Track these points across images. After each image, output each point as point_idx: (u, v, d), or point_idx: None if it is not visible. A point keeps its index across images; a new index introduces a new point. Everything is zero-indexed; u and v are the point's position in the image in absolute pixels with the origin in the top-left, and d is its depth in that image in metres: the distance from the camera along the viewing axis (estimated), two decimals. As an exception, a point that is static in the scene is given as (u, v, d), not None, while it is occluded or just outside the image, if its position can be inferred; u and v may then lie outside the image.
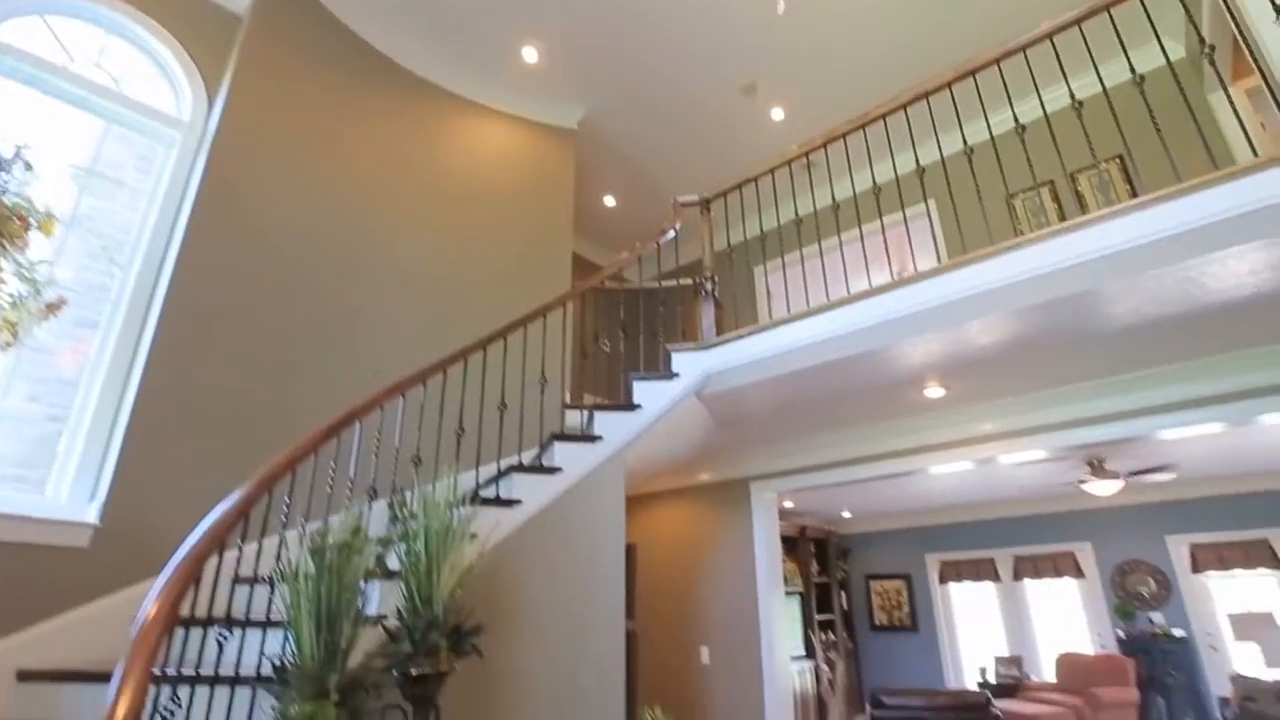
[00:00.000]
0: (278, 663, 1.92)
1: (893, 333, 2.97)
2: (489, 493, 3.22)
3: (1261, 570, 7.44)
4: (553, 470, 3.35)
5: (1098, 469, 6.03)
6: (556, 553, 3.23)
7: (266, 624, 2.32)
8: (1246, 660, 6.96)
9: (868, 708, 4.66)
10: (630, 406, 3.59)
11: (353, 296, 3.94)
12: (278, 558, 2.25)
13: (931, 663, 9.14)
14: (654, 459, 5.09)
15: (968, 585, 9.26)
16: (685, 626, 5.06)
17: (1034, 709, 6.72)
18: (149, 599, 1.63)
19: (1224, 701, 6.59)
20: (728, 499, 5.10)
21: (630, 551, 3.89)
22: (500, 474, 3.37)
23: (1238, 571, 7.55)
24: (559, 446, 3.43)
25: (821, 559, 9.14)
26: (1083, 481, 6.11)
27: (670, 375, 3.63)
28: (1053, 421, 3.83)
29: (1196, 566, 7.77)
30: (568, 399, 4.64)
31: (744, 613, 4.75)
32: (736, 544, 4.94)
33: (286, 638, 1.97)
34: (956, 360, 3.28)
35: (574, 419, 3.89)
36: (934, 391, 3.70)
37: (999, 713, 4.45)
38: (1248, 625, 6.49)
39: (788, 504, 8.13)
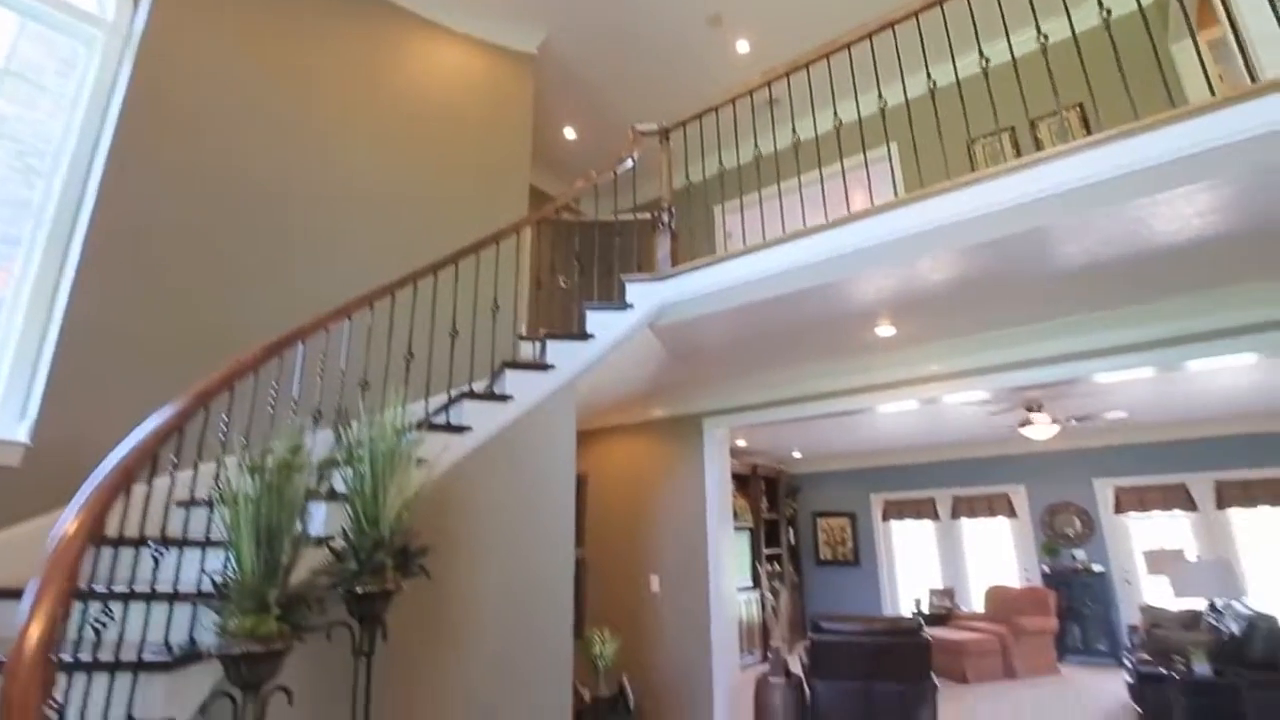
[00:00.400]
0: (218, 579, 1.90)
1: (846, 266, 2.99)
2: (439, 419, 3.20)
3: (1176, 512, 7.97)
4: (504, 398, 3.34)
5: (1036, 412, 6.28)
6: (507, 480, 3.25)
7: (206, 543, 2.29)
8: (1156, 592, 7.51)
9: (808, 633, 4.88)
10: (583, 336, 3.56)
11: (298, 216, 3.77)
12: (216, 478, 2.20)
13: (870, 594, 9.63)
14: (609, 392, 5.11)
15: (909, 523, 9.70)
16: (637, 556, 5.19)
17: (962, 636, 7.17)
18: (68, 513, 1.58)
19: (1132, 629, 7.12)
20: (681, 434, 5.18)
21: (581, 482, 3.94)
22: (451, 401, 3.34)
23: (1155, 513, 8.07)
24: (511, 375, 3.41)
25: (772, 497, 9.44)
26: (1022, 425, 6.37)
27: (624, 306, 3.60)
28: (995, 363, 3.94)
29: (1119, 508, 8.27)
30: (523, 331, 4.60)
31: (693, 545, 4.89)
32: (688, 479, 5.04)
33: (227, 556, 1.94)
34: (907, 298, 3.33)
35: (528, 351, 3.86)
36: (885, 330, 3.77)
37: (929, 638, 4.72)
38: (1160, 561, 6.97)
39: (741, 442, 8.31)
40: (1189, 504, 7.89)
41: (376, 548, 2.35)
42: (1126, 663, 5.97)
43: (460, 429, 3.20)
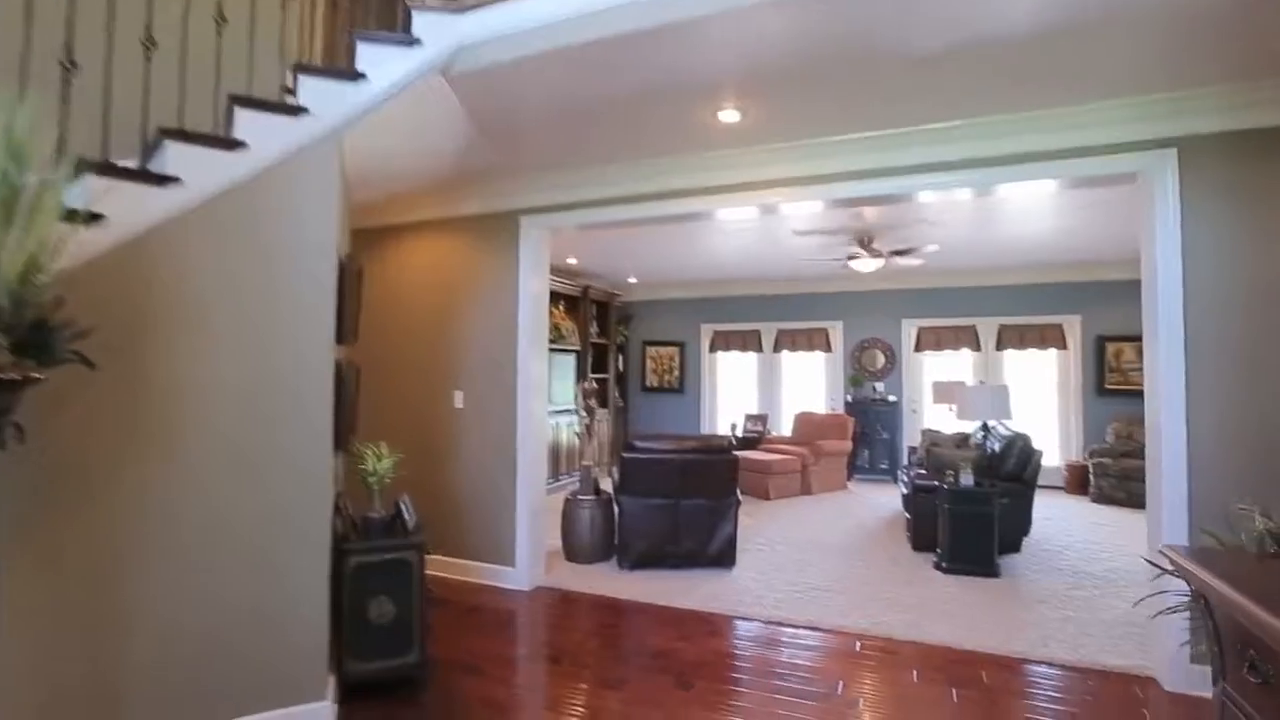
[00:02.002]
0: None
1: (680, 3, 2.36)
2: (131, 164, 2.28)
3: (964, 351, 8.77)
4: (233, 145, 2.45)
5: (865, 246, 6.28)
6: (241, 254, 2.46)
7: None
8: (937, 419, 8.38)
9: (622, 453, 4.73)
10: (352, 75, 2.68)
11: None
12: None
13: (691, 420, 10.00)
14: (406, 174, 4.26)
15: (734, 355, 9.97)
16: (440, 369, 4.64)
17: (769, 456, 7.60)
18: None
19: (912, 450, 7.93)
20: (495, 234, 4.49)
21: (358, 274, 3.21)
22: (153, 144, 2.41)
23: (947, 351, 8.84)
24: (245, 116, 2.50)
25: (603, 321, 9.18)
26: (851, 258, 6.37)
27: (410, 40, 2.72)
28: (830, 172, 3.63)
29: (919, 346, 8.95)
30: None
31: (502, 359, 4.41)
32: (501, 286, 4.45)
33: None
34: (752, 69, 2.78)
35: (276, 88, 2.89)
36: (729, 115, 3.24)
37: (737, 456, 4.75)
38: (945, 391, 7.66)
39: (572, 260, 7.78)
40: (975, 344, 8.69)
41: (-29, 319, 1.57)
42: (903, 478, 6.61)
43: (164, 179, 2.32)
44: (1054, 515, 6.55)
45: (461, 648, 3.40)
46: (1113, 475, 7.37)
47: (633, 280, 9.44)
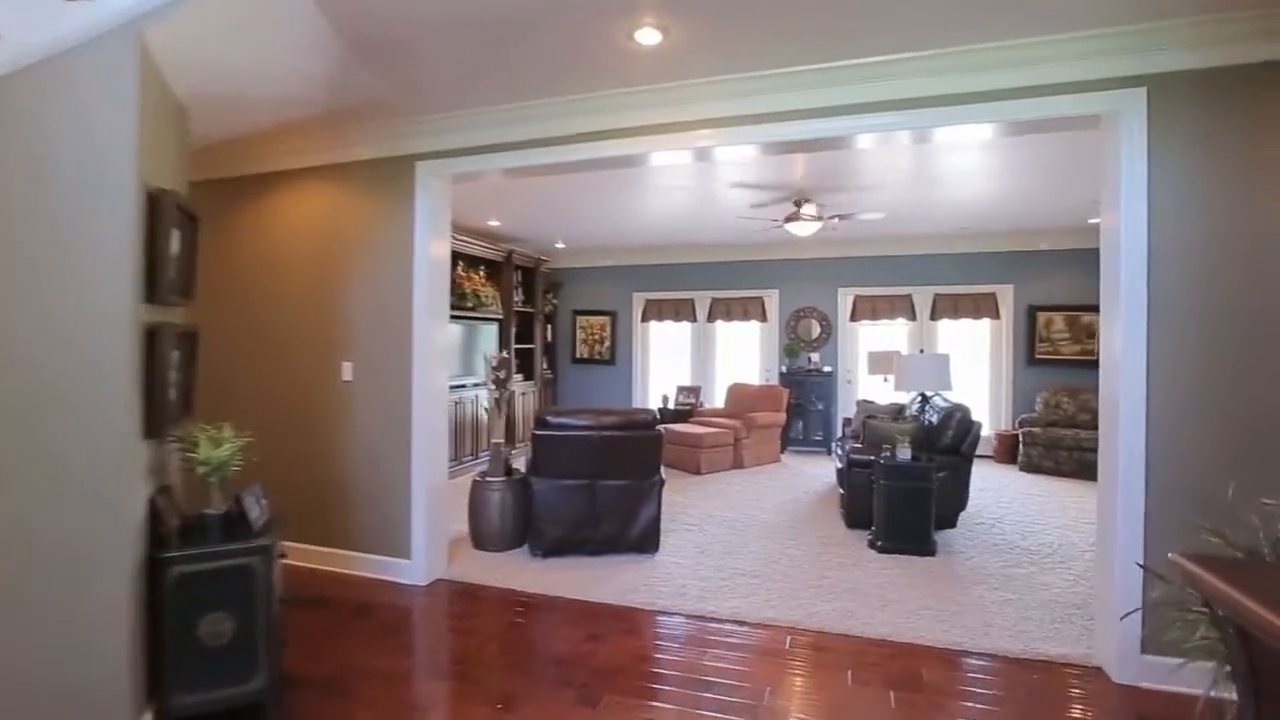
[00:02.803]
0: None
1: None
2: None
3: (900, 320, 8.62)
4: (-29, 30, 1.82)
5: (803, 206, 5.92)
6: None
7: None
8: (872, 390, 8.20)
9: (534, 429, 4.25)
10: (148, -51, 2.06)
11: None
12: None
13: (622, 392, 9.58)
14: (265, 105, 3.60)
15: (667, 325, 9.56)
16: (324, 337, 4.04)
17: (700, 430, 7.26)
18: None
19: (846, 421, 7.72)
20: (387, 183, 3.89)
21: (191, 220, 2.58)
22: None
23: (883, 321, 8.67)
24: (-10, -6, 1.86)
25: (528, 288, 8.60)
26: (788, 220, 6.00)
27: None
28: (762, 111, 3.19)
29: (854, 315, 8.74)
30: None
31: (397, 326, 3.84)
32: (395, 243, 3.86)
33: None
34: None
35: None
36: (647, 34, 2.74)
37: (661, 431, 4.34)
38: (881, 361, 7.45)
39: (494, 223, 7.17)
40: (911, 313, 8.54)
41: None
42: (837, 451, 6.39)
43: None
44: (986, 486, 6.44)
45: (334, 660, 2.90)
46: (1041, 444, 7.36)
47: (561, 245, 8.88)
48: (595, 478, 4.19)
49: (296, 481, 4.04)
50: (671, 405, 8.82)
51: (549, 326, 9.52)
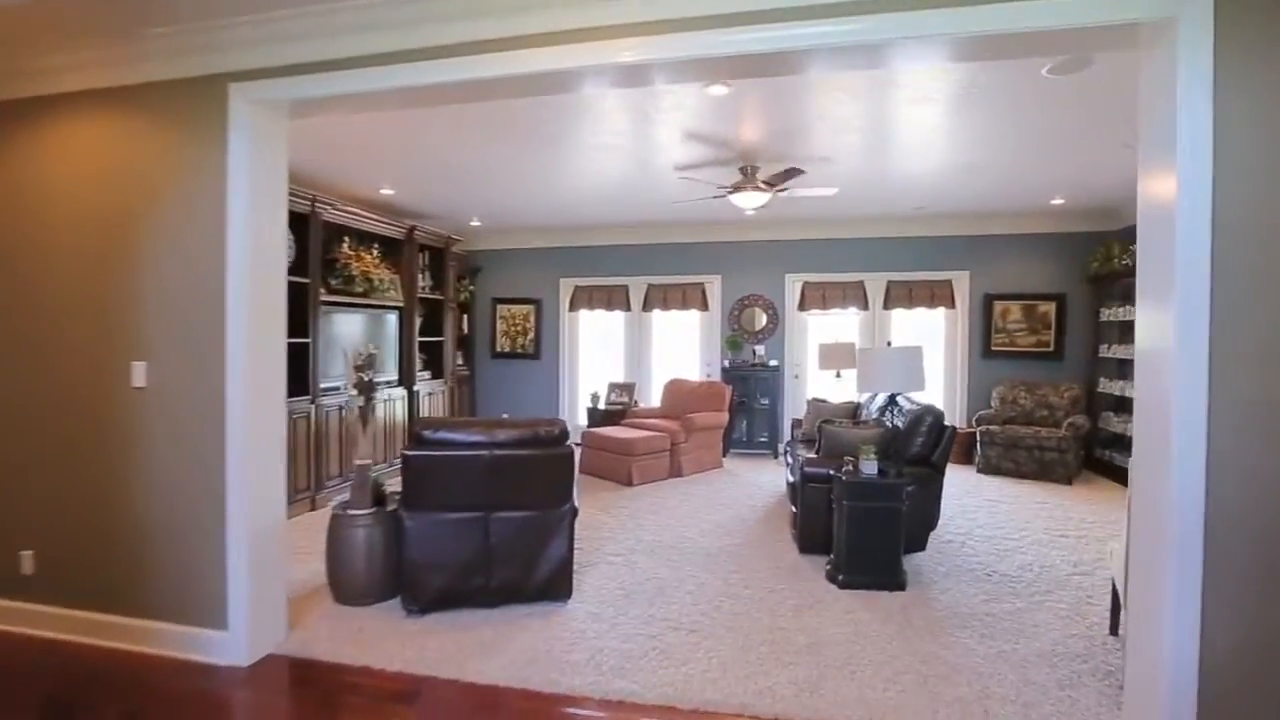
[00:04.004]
0: None
1: None
2: None
3: (851, 310, 7.94)
4: None
5: (749, 177, 5.09)
6: None
7: None
8: (823, 387, 7.46)
9: (411, 447, 3.27)
10: None
11: None
12: None
13: (548, 390, 8.62)
14: (20, 6, 2.51)
15: (599, 314, 8.64)
16: (107, 326, 2.95)
17: (633, 434, 6.38)
18: None
19: (796, 422, 6.97)
20: (189, 114, 2.83)
21: None
22: None
23: (833, 310, 7.97)
24: None
25: (437, 272, 7.51)
26: (734, 190, 5.16)
27: None
28: (691, 14, 2.31)
29: (803, 303, 8.02)
30: None
31: (206, 313, 2.80)
32: (202, 196, 2.81)
33: None
34: None
35: None
36: None
37: (573, 448, 3.41)
38: (834, 354, 6.68)
39: (387, 191, 6.09)
40: (863, 302, 7.87)
41: None
42: (786, 459, 5.61)
43: None
44: (946, 492, 5.78)
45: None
46: (1000, 444, 6.80)
47: (476, 223, 7.82)
48: (488, 509, 3.24)
49: (69, 526, 2.97)
50: (602, 405, 7.93)
51: (464, 316, 8.45)
